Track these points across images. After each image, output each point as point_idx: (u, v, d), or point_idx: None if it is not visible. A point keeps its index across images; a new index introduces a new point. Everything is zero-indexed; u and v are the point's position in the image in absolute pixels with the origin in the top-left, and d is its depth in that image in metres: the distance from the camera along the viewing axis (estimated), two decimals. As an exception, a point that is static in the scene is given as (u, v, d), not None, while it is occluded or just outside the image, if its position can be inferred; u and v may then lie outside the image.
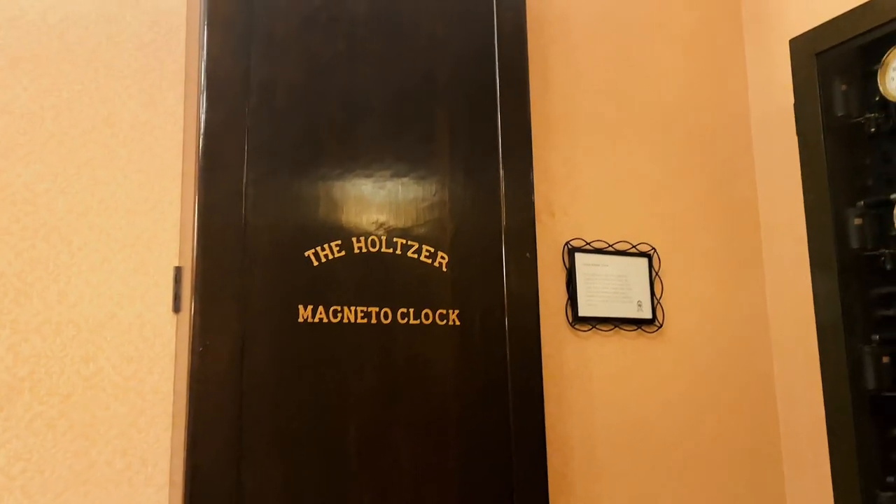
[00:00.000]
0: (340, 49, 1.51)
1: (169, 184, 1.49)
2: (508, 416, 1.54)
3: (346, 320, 1.42)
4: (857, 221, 1.69)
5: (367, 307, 1.45)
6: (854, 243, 1.68)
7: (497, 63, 1.67)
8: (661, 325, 1.90)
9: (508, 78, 1.68)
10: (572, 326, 1.81)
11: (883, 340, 1.65)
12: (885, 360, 1.64)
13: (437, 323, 1.51)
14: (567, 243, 1.83)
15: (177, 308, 1.42)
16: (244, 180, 1.38)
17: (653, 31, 2.04)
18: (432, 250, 1.53)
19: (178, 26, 1.52)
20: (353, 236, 1.46)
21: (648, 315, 1.88)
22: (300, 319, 1.39)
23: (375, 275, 1.47)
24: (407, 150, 1.55)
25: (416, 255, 1.51)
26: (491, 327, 1.57)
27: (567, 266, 1.83)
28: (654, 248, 1.92)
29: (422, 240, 1.52)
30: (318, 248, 1.43)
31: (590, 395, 1.80)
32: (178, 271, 1.43)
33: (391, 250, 1.49)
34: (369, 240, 1.48)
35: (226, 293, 1.33)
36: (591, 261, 1.85)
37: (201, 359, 1.29)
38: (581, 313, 1.81)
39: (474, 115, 1.64)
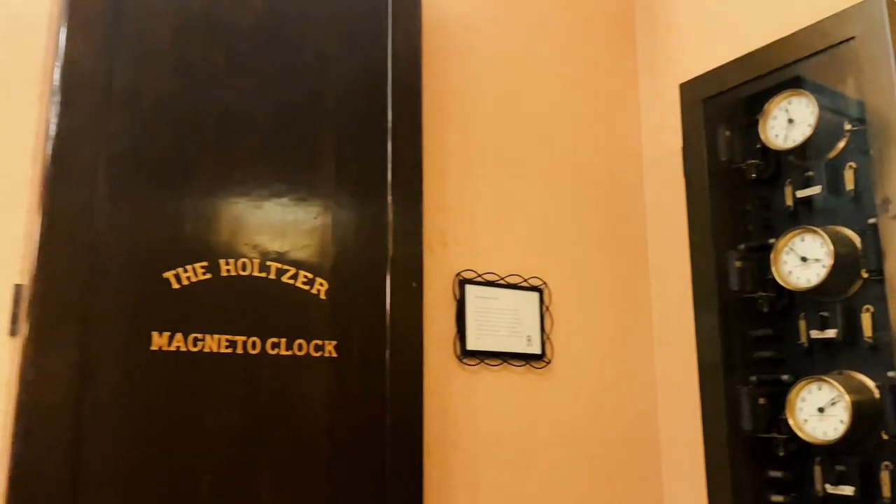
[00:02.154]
0: (219, 60, 1.42)
1: (17, 193, 1.34)
2: (385, 455, 1.46)
3: (207, 349, 1.31)
4: (738, 264, 1.72)
5: (233, 335, 1.34)
6: (734, 285, 1.72)
7: (390, 87, 1.62)
8: (550, 361, 1.87)
9: (401, 103, 1.63)
10: (460, 360, 1.75)
11: (760, 382, 1.68)
12: (762, 401, 1.67)
13: (311, 354, 1.41)
14: (458, 274, 1.79)
15: (14, 331, 1.27)
16: (98, 192, 1.26)
17: (551, 70, 2.06)
18: (310, 276, 1.45)
19: (38, 22, 1.39)
20: (222, 258, 1.36)
21: (538, 350, 1.86)
22: (153, 347, 1.27)
23: (245, 300, 1.37)
24: (288, 171, 1.46)
25: (292, 281, 1.42)
26: (371, 360, 1.49)
27: (457, 298, 1.78)
28: (545, 283, 1.90)
29: (299, 265, 1.44)
30: (181, 270, 1.32)
31: (475, 431, 1.74)
32: (17, 290, 1.28)
33: (265, 274, 1.40)
34: (240, 262, 1.38)
35: (67, 316, 1.20)
36: (482, 293, 1.81)
37: (32, 390, 1.15)
38: (469, 347, 1.76)
39: (364, 139, 1.58)
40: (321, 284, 1.45)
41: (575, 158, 2.04)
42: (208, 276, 1.34)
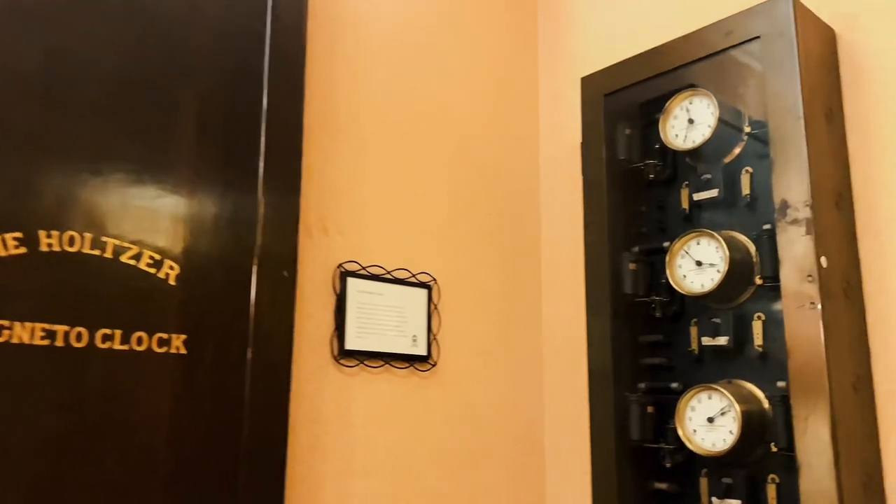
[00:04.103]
0: (52, -10, 1.17)
1: None
2: (240, 470, 1.26)
3: (16, 340, 1.06)
4: (632, 267, 1.66)
5: (52, 324, 1.10)
6: (627, 288, 1.65)
7: (268, 49, 1.43)
8: (436, 364, 1.73)
9: (280, 70, 1.44)
10: (337, 361, 1.58)
11: (648, 389, 1.62)
12: (650, 410, 1.60)
13: (153, 350, 1.19)
14: (340, 266, 1.61)
15: None
16: None
17: (450, 57, 1.92)
18: (158, 258, 1.22)
19: None
20: (42, 229, 1.11)
21: (423, 351, 1.71)
22: (-60, 336, 1.01)
23: (70, 282, 1.13)
24: (136, 132, 1.24)
25: (133, 262, 1.20)
26: (228, 359, 1.29)
27: (337, 292, 1.60)
28: (434, 279, 1.76)
29: (144, 243, 1.21)
30: (-16, 241, 1.07)
31: (350, 440, 1.57)
32: None
33: (98, 252, 1.16)
34: (66, 236, 1.14)
35: None
36: (366, 287, 1.65)
37: None
38: (348, 346, 1.59)
39: (234, 105, 1.38)
40: (171, 268, 1.23)
41: (470, 150, 1.92)
42: (22, 249, 1.09)
